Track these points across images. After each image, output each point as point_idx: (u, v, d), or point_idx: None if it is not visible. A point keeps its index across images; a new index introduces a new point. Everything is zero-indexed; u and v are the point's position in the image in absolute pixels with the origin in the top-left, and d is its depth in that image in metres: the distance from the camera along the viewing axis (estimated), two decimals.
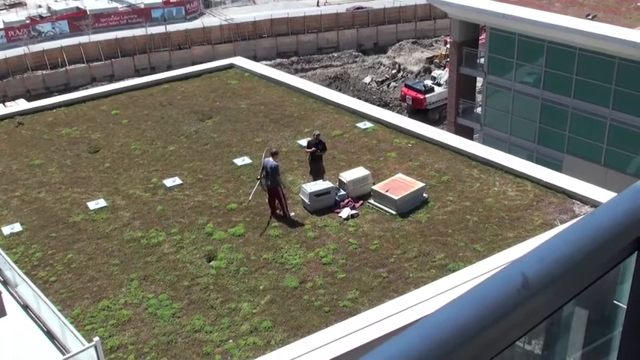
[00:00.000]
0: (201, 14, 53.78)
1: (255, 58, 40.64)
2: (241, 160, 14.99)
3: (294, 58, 48.44)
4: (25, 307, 10.24)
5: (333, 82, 43.06)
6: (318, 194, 12.75)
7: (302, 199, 13.04)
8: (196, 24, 49.21)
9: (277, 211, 12.45)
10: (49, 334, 9.64)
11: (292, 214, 12.27)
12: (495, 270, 1.09)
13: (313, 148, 13.23)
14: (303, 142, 15.83)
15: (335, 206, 12.84)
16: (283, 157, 15.17)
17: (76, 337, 8.75)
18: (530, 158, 22.68)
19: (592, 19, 24.61)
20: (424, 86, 38.88)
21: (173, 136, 16.55)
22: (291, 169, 14.60)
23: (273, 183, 12.22)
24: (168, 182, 14.06)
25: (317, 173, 13.42)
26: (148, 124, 17.29)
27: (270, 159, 12.23)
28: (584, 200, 12.47)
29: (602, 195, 12.22)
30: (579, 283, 0.99)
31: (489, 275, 1.01)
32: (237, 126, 17.00)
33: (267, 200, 12.66)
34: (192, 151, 15.68)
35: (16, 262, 11.25)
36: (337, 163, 14.74)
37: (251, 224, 12.52)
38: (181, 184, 14.05)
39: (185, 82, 19.96)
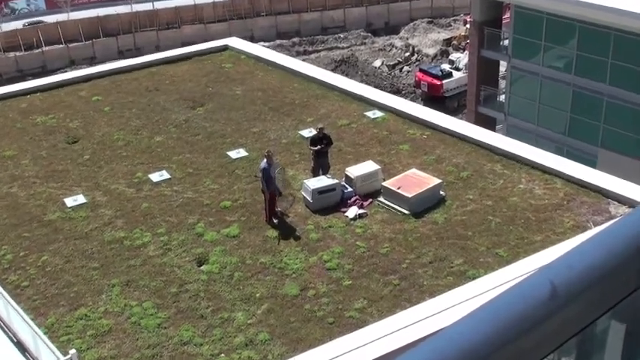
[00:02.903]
0: None
1: (253, 39, 40.59)
2: (236, 153, 14.96)
3: (295, 39, 48.35)
4: None
5: (339, 66, 43.00)
6: (321, 191, 12.76)
7: (304, 197, 13.07)
8: (187, 0, 49.14)
9: (274, 220, 12.53)
10: (20, 346, 9.61)
11: (275, 221, 12.35)
12: (520, 278, 1.07)
13: (319, 146, 13.23)
14: (305, 132, 15.89)
15: (341, 205, 12.86)
16: (283, 149, 15.25)
17: (50, 350, 8.72)
18: (560, 152, 22.58)
19: None
20: (441, 71, 38.79)
21: (160, 125, 16.55)
22: (292, 162, 14.61)
23: (262, 186, 12.33)
24: (155, 177, 14.09)
25: (321, 169, 13.42)
26: (132, 111, 17.29)
27: (264, 160, 12.31)
28: (621, 200, 12.41)
29: None
30: (615, 293, 0.97)
31: (513, 284, 0.99)
32: (231, 114, 17.01)
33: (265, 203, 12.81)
34: (181, 142, 15.68)
35: None
36: (343, 157, 14.73)
37: (247, 224, 12.52)
38: (169, 178, 14.07)
39: (174, 65, 19.98)
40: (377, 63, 44.63)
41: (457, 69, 39.25)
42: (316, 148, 13.26)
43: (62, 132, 16.25)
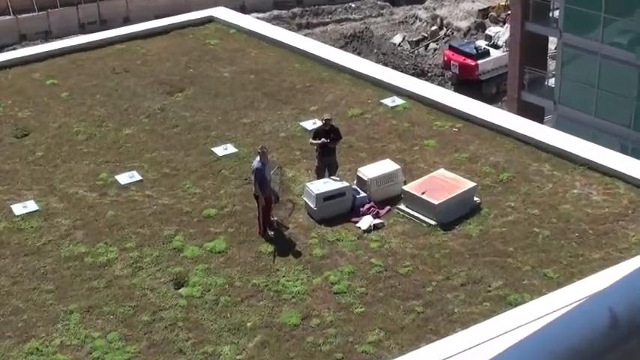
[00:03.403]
0: None
1: (244, 9, 40.63)
2: (223, 149, 15.02)
3: (296, 10, 48.29)
4: None
5: (351, 43, 43.00)
6: (327, 196, 12.77)
7: (306, 204, 13.10)
8: None
9: (269, 232, 12.46)
10: None
11: (271, 233, 12.40)
12: (574, 304, 1.07)
13: (323, 139, 13.26)
14: (308, 124, 15.87)
15: (351, 213, 12.91)
16: (280, 144, 15.29)
17: None
18: (624, 150, 22.47)
19: None
20: (476, 49, 38.69)
21: (130, 115, 16.58)
22: (292, 161, 14.63)
23: (255, 190, 12.38)
24: (123, 178, 14.15)
25: (327, 170, 13.46)
26: (96, 98, 17.34)
27: (257, 158, 12.36)
28: None
29: None
30: None
31: (565, 312, 0.99)
32: (217, 102, 17.03)
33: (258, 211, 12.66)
34: (156, 135, 15.72)
35: None
36: (355, 155, 14.72)
37: (236, 237, 12.54)
38: (140, 181, 14.12)
39: (147, 41, 20.06)
40: (397, 39, 44.59)
41: (496, 46, 39.14)
42: (319, 142, 13.25)
43: (9, 123, 16.29)
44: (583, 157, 13.90)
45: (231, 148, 15.07)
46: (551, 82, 30.28)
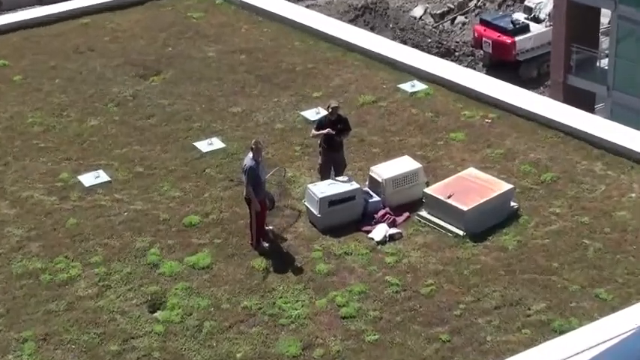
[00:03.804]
0: None
1: None
2: (208, 144, 15.01)
3: None
4: None
5: (362, 16, 42.84)
6: (333, 201, 12.75)
7: (307, 209, 13.07)
8: None
9: (263, 244, 12.46)
10: None
11: (266, 245, 12.45)
12: (631, 332, 1.04)
13: (328, 130, 13.25)
14: (310, 113, 15.81)
15: (363, 221, 12.90)
16: (277, 138, 15.23)
17: None
18: None
19: None
20: (513, 23, 38.46)
21: (96, 103, 16.57)
22: (291, 158, 14.59)
23: (247, 192, 12.39)
24: (88, 179, 14.16)
25: (333, 168, 13.46)
26: (54, 83, 17.32)
27: (250, 154, 12.35)
28: None
29: None
30: None
31: (621, 340, 0.96)
32: (201, 87, 17.00)
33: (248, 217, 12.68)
34: (127, 127, 15.72)
35: None
36: (367, 150, 14.68)
37: (223, 250, 12.51)
38: (108, 182, 14.11)
39: (117, 13, 20.01)
40: (417, 11, 44.45)
41: (537, 20, 38.90)
42: (324, 132, 13.20)
43: None
44: None
45: (217, 143, 15.01)
46: (604, 63, 30.12)
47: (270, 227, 12.84)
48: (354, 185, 13.03)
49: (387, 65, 17.35)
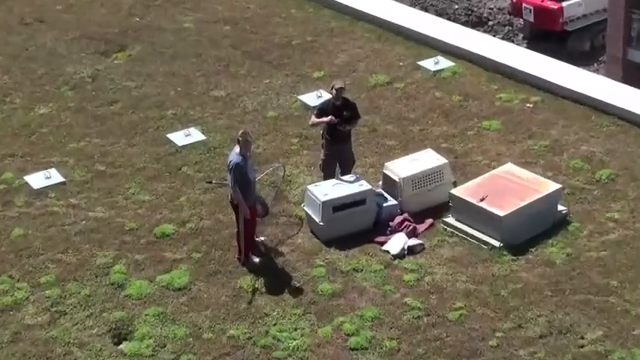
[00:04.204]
0: None
1: None
2: (184, 136, 15.07)
3: None
4: None
5: None
6: (339, 205, 12.73)
7: (307, 216, 13.04)
8: None
9: (253, 259, 12.49)
10: None
11: (256, 260, 12.49)
12: None
13: (330, 117, 13.16)
14: (310, 98, 15.84)
15: (376, 231, 12.89)
16: (269, 128, 15.23)
17: None
18: None
19: None
20: None
21: (47, 86, 16.66)
22: (286, 153, 14.61)
23: (233, 195, 12.33)
24: (37, 180, 14.21)
25: (339, 165, 13.43)
26: None
27: (236, 149, 12.26)
28: None
29: None
30: None
31: None
32: (176, 66, 17.07)
33: (235, 223, 12.64)
34: (85, 116, 15.82)
35: None
36: (381, 143, 14.70)
37: (204, 266, 12.49)
38: (62, 183, 14.20)
39: None
40: None
41: None
42: (326, 120, 13.11)
43: None
44: None
45: (196, 135, 15.06)
46: None
47: (262, 238, 12.82)
48: (365, 186, 12.94)
49: (404, 38, 17.40)
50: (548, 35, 37.39)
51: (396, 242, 12.55)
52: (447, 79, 16.19)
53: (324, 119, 13.05)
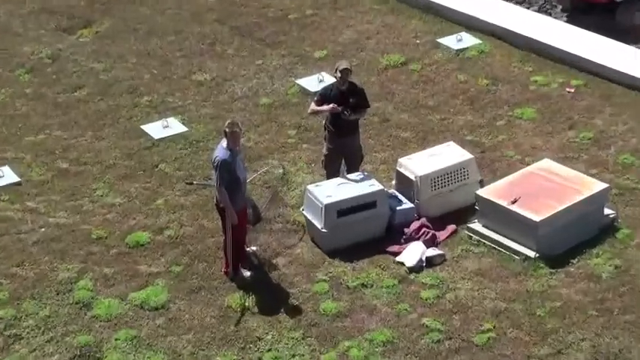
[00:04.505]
0: None
1: None
2: (162, 127, 15.16)
3: None
4: None
5: None
6: (345, 209, 12.78)
7: (306, 222, 13.08)
8: None
9: (243, 273, 12.47)
10: None
11: (247, 273, 12.52)
12: None
13: (333, 106, 13.10)
14: (310, 82, 15.94)
15: (388, 239, 12.96)
16: (262, 118, 15.28)
17: None
18: None
19: None
20: None
21: None
22: (282, 147, 14.67)
23: (219, 198, 12.27)
24: None
25: (345, 161, 13.43)
26: None
27: (223, 142, 12.16)
28: None
29: None
30: None
31: None
32: (151, 44, 17.24)
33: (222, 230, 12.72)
34: (44, 104, 15.94)
35: None
36: (394, 135, 14.77)
37: (185, 281, 12.47)
38: (17, 183, 14.25)
39: None
40: None
41: None
42: (329, 108, 13.07)
43: None
44: None
45: (175, 126, 15.13)
46: None
47: (254, 248, 12.84)
48: (375, 186, 12.93)
49: (421, 10, 17.50)
50: (591, 7, 37.30)
51: (412, 253, 12.52)
52: (472, 60, 16.26)
53: (326, 107, 12.99)
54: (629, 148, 14.14)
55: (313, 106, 13.30)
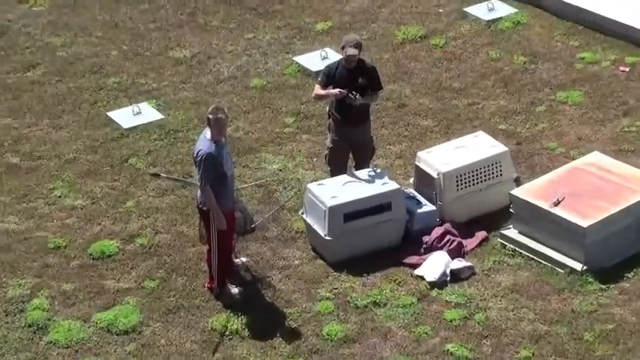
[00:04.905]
0: None
1: None
2: (132, 114, 15.16)
3: None
4: None
5: None
6: (353, 212, 12.78)
7: (307, 227, 13.11)
8: None
9: (231, 289, 12.50)
10: None
11: (236, 290, 12.53)
12: None
13: (338, 91, 13.06)
14: (311, 59, 16.02)
15: (405, 248, 12.96)
16: (255, 102, 15.32)
17: None
18: None
19: None
20: None
21: None
22: (277, 138, 14.70)
23: (202, 199, 12.26)
24: None
25: (353, 155, 13.47)
26: None
27: (206, 132, 12.15)
28: None
29: None
30: None
31: None
32: (119, 14, 17.23)
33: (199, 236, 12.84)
34: None
35: None
36: (412, 123, 14.81)
37: (161, 299, 12.46)
38: None
39: None
40: None
41: None
42: (335, 92, 13.04)
43: None
44: None
45: (149, 112, 15.17)
46: None
47: (243, 259, 12.87)
48: (389, 185, 12.92)
49: None
50: None
51: (435, 265, 12.51)
52: (507, 33, 16.30)
53: (333, 91, 12.97)
54: None
55: (318, 90, 13.28)
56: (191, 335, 11.93)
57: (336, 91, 12.89)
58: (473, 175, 13.15)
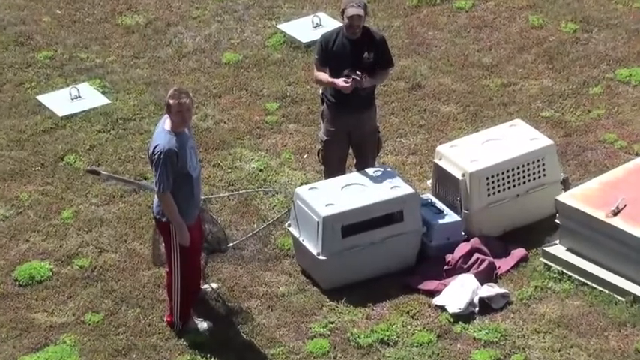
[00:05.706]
0: None
1: None
2: (69, 98, 15.24)
3: None
4: None
5: None
6: (353, 225, 12.86)
7: (295, 243, 13.17)
8: None
9: (198, 323, 12.63)
10: None
11: (204, 325, 12.69)
12: None
13: (342, 82, 13.02)
14: (298, 29, 16.12)
15: (422, 271, 13.04)
16: (229, 83, 15.45)
17: None
18: None
19: None
20: None
21: None
22: (257, 129, 14.84)
23: (160, 207, 12.26)
24: None
25: (353, 151, 13.61)
26: None
27: (165, 122, 12.18)
28: None
29: None
30: None
31: None
32: None
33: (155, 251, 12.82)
34: None
35: None
36: (429, 109, 14.93)
37: (106, 337, 12.50)
38: None
39: None
40: None
41: None
42: (339, 84, 13.04)
43: None
44: None
45: (90, 96, 15.29)
46: None
47: (214, 285, 13.00)
48: (401, 188, 13.01)
49: None
50: None
51: (459, 291, 12.61)
52: (547, 2, 16.35)
53: (338, 82, 12.94)
54: None
55: (318, 73, 13.28)
56: None
57: (342, 82, 12.88)
58: (508, 177, 13.24)
